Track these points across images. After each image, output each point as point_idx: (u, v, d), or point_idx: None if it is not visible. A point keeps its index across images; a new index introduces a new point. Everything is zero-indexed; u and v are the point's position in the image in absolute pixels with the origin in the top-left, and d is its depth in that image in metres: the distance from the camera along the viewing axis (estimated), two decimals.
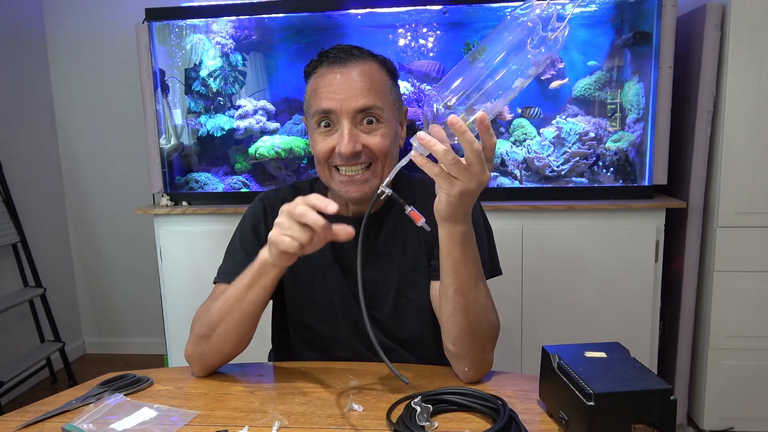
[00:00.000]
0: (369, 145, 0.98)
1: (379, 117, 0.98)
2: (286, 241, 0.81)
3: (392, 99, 1.02)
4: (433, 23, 2.28)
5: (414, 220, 0.85)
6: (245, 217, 1.14)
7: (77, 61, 2.91)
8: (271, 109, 2.40)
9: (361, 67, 0.98)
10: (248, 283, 0.92)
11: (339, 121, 0.98)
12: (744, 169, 1.98)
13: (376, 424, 0.83)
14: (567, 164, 2.20)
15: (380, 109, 0.98)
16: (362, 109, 0.97)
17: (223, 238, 1.15)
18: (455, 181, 0.78)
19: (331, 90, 0.97)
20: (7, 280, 2.67)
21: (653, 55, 2.05)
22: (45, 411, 0.89)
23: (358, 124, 0.98)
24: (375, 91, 0.97)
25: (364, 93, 0.96)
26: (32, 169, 2.84)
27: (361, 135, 0.98)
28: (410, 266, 1.09)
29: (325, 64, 1.00)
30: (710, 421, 2.12)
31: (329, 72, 0.99)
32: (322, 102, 0.98)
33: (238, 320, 0.95)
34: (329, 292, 1.09)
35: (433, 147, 0.76)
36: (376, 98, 0.97)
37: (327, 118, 0.99)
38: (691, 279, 2.10)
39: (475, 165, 0.77)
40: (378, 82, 0.99)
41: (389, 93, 1.01)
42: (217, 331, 0.96)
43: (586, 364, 0.79)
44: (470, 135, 0.75)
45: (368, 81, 0.97)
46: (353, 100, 0.96)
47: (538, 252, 2.11)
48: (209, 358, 1.00)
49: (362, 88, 0.96)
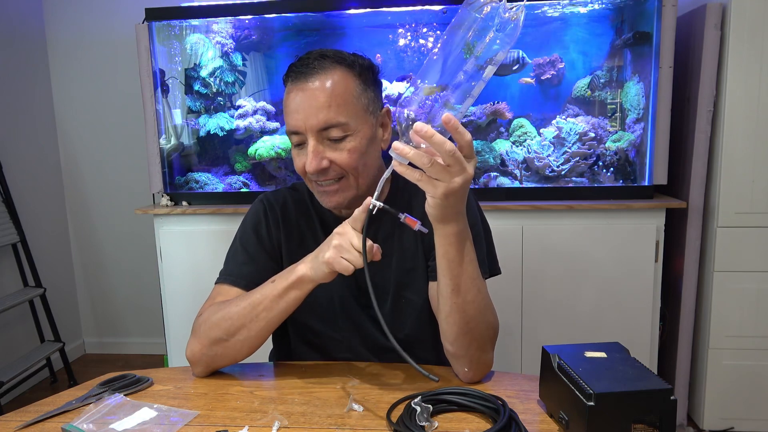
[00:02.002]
0: (335, 161, 0.98)
1: (344, 131, 0.97)
2: (343, 264, 0.87)
3: (362, 105, 0.98)
4: (433, 23, 2.28)
5: (410, 226, 0.85)
6: (246, 219, 1.15)
7: (77, 61, 2.91)
8: (270, 109, 2.40)
9: (321, 80, 0.96)
10: (280, 293, 0.94)
11: (306, 139, 0.98)
12: (744, 169, 1.98)
13: (376, 424, 0.83)
14: (567, 164, 2.20)
15: (343, 124, 0.96)
16: (324, 127, 0.96)
17: (223, 238, 1.16)
18: (438, 183, 0.78)
19: (294, 109, 0.97)
20: (7, 280, 2.67)
21: (653, 55, 2.05)
22: (45, 411, 0.89)
23: (324, 140, 0.97)
24: (336, 105, 0.95)
25: (323, 110, 0.94)
26: (32, 169, 2.84)
27: (327, 151, 0.97)
28: (409, 267, 1.09)
29: (290, 80, 0.99)
30: (710, 421, 2.12)
31: (293, 89, 0.98)
32: (289, 121, 0.98)
33: (261, 329, 0.96)
34: (329, 292, 1.10)
35: (407, 154, 0.77)
36: (337, 113, 0.95)
37: (297, 136, 0.99)
38: (691, 279, 2.10)
39: (453, 165, 0.76)
40: (340, 94, 0.96)
41: (356, 101, 0.97)
42: (237, 336, 0.97)
43: (586, 364, 0.79)
44: (438, 137, 0.74)
45: (327, 96, 0.95)
46: (314, 118, 0.95)
47: (538, 252, 2.11)
48: (220, 361, 1.00)
49: (321, 104, 0.95)
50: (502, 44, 0.75)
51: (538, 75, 2.27)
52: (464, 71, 0.76)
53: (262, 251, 1.10)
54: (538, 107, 2.31)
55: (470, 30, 0.75)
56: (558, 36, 2.27)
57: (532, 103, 2.31)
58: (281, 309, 0.95)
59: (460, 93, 0.77)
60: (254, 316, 0.95)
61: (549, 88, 2.30)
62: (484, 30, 0.75)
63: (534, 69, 2.27)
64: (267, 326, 0.96)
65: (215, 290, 1.08)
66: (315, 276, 0.92)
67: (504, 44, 0.75)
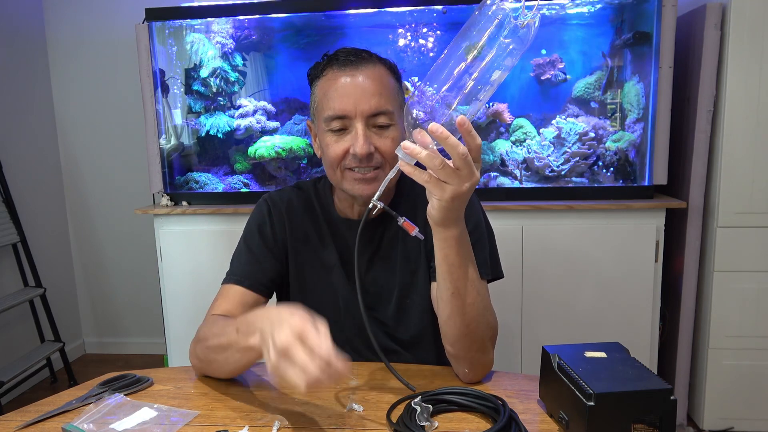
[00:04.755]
0: (380, 148, 0.99)
1: (390, 120, 0.99)
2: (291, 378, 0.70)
3: (399, 102, 1.02)
4: (433, 23, 2.28)
5: (408, 230, 0.85)
6: (250, 219, 1.16)
7: (77, 61, 2.91)
8: (271, 109, 2.40)
9: (372, 71, 0.99)
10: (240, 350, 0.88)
11: (352, 124, 0.98)
12: (744, 169, 1.98)
13: (376, 424, 0.83)
14: (567, 164, 2.20)
15: (391, 113, 0.98)
16: (375, 113, 0.97)
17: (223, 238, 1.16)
18: (446, 186, 0.78)
19: (343, 93, 0.97)
20: (7, 280, 2.67)
21: (653, 55, 2.05)
22: (45, 411, 0.89)
23: (370, 126, 0.99)
24: (385, 94, 0.98)
25: (375, 96, 0.97)
26: (32, 169, 2.84)
27: (373, 137, 0.99)
28: (412, 268, 1.09)
29: (334, 66, 1.00)
30: (710, 421, 2.12)
31: (340, 75, 0.99)
32: (335, 105, 0.98)
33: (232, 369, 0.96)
34: (334, 293, 1.11)
35: (418, 155, 0.76)
36: (386, 102, 0.98)
37: (340, 121, 0.98)
38: (691, 279, 2.10)
39: (463, 168, 0.76)
40: (387, 86, 0.99)
41: (397, 96, 1.02)
42: (214, 365, 0.98)
43: (586, 364, 0.79)
44: (453, 140, 0.74)
45: (379, 84, 0.98)
46: (366, 104, 0.96)
47: (538, 252, 2.11)
48: (207, 372, 1.01)
49: (374, 91, 0.97)
50: (513, 51, 0.74)
51: (538, 75, 2.27)
52: (471, 75, 0.76)
53: (266, 251, 1.11)
54: (538, 107, 2.31)
55: (481, 35, 0.75)
56: (558, 36, 2.27)
57: (532, 104, 2.31)
58: (246, 361, 0.91)
59: (468, 96, 0.77)
60: (223, 358, 0.93)
61: (549, 88, 2.30)
62: (495, 36, 0.74)
63: (534, 69, 2.27)
64: (236, 369, 0.96)
65: (220, 290, 1.09)
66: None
67: (515, 51, 0.74)
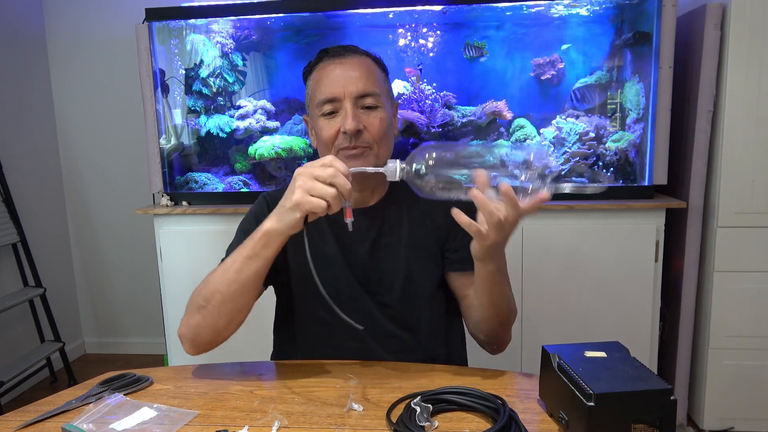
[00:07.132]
0: (368, 127, 1.06)
1: (376, 102, 1.07)
2: (313, 202, 0.86)
3: (386, 89, 1.12)
4: (433, 23, 2.28)
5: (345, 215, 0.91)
6: (248, 212, 1.18)
7: (77, 61, 2.91)
8: (271, 109, 2.40)
9: (359, 60, 1.09)
10: (248, 254, 0.94)
11: (342, 106, 1.06)
12: (744, 169, 1.98)
13: (376, 424, 0.83)
14: (567, 164, 2.20)
15: (377, 95, 1.07)
16: (362, 94, 1.05)
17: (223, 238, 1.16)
18: (488, 236, 0.85)
19: (333, 78, 1.06)
20: (7, 280, 2.67)
21: (653, 55, 2.05)
22: (45, 411, 0.89)
23: (359, 107, 1.06)
24: (372, 79, 1.08)
25: (362, 80, 1.06)
26: (32, 169, 2.84)
27: (362, 116, 1.06)
28: (419, 254, 1.12)
29: (326, 59, 1.10)
30: (710, 421, 2.12)
31: (330, 64, 1.08)
32: (326, 90, 1.06)
33: (235, 292, 0.96)
34: (335, 280, 1.11)
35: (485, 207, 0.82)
36: (373, 85, 1.07)
37: (331, 104, 1.06)
38: (691, 279, 2.10)
39: (512, 224, 0.84)
40: (373, 72, 1.09)
41: (383, 83, 1.11)
42: (213, 302, 0.97)
43: (586, 364, 0.79)
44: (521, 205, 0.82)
45: (366, 70, 1.08)
46: (353, 86, 1.05)
47: (538, 252, 2.11)
48: (203, 332, 1.00)
49: (360, 76, 1.06)
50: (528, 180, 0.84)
51: (538, 75, 2.27)
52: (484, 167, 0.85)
53: None
54: (538, 107, 2.31)
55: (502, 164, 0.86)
56: (558, 36, 2.27)
57: (532, 103, 2.31)
58: (252, 270, 0.95)
59: None
60: (227, 278, 0.96)
61: (549, 88, 2.30)
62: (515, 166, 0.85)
63: (534, 69, 2.27)
64: (240, 289, 0.96)
65: None
66: (282, 227, 0.91)
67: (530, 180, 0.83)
